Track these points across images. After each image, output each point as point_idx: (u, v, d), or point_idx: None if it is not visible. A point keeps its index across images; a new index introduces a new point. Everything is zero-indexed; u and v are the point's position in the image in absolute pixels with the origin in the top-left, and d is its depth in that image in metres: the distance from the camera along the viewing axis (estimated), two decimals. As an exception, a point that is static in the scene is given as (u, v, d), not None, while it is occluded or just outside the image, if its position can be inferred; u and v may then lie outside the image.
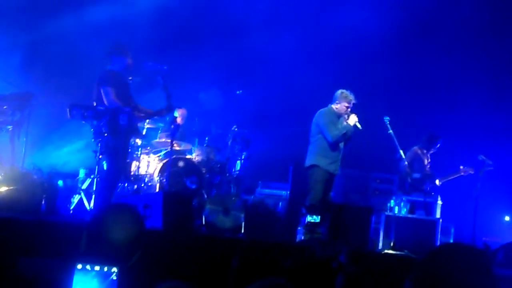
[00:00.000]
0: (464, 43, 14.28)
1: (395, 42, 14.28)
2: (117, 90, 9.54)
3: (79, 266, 4.67)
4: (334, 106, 10.72)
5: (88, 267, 4.67)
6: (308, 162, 10.65)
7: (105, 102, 9.43)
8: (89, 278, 4.65)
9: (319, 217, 9.48)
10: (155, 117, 10.97)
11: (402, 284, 3.11)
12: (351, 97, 10.63)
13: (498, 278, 2.96)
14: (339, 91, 10.71)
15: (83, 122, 9.69)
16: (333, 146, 10.56)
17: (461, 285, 2.88)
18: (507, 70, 14.44)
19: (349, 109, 10.62)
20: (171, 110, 10.03)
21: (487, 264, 2.99)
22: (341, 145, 10.75)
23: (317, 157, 10.56)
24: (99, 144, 9.55)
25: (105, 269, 4.67)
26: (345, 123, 10.58)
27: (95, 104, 9.46)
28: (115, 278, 4.66)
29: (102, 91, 9.49)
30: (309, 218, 9.54)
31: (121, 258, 4.66)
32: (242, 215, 11.05)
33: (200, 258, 7.13)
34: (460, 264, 2.96)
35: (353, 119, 10.54)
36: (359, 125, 10.60)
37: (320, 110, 10.76)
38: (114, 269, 4.69)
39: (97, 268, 4.67)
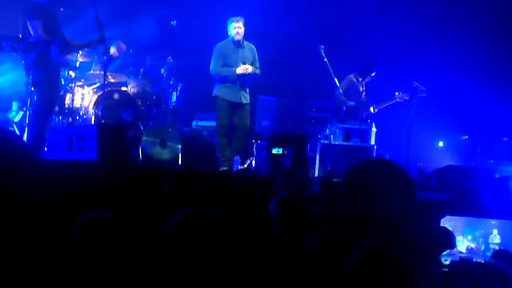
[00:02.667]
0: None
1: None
2: (43, 22, 9.36)
3: None
4: (229, 34, 10.97)
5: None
6: (213, 93, 10.96)
7: (32, 35, 9.28)
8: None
9: (281, 149, 9.66)
10: (86, 49, 10.78)
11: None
12: (237, 18, 10.89)
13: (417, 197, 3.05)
14: (229, 19, 11.01)
15: (14, 54, 9.52)
16: (228, 77, 10.82)
17: (381, 196, 2.96)
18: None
19: (237, 29, 10.84)
20: (102, 41, 9.87)
21: (406, 177, 3.07)
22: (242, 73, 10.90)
23: (217, 88, 10.88)
24: (30, 76, 9.40)
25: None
26: (232, 69, 10.79)
27: (21, 36, 9.31)
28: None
29: (28, 24, 9.31)
30: (274, 151, 9.74)
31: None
32: (179, 147, 11.07)
33: (135, 189, 7.13)
34: (380, 176, 3.03)
35: (241, 69, 10.75)
36: (247, 75, 10.83)
37: (216, 45, 11.07)
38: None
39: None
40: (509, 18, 14.13)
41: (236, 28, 10.84)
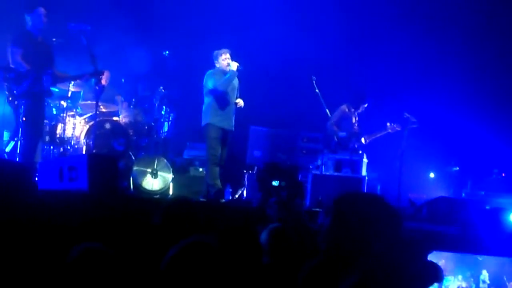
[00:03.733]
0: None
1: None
2: (25, 51, 9.45)
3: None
4: (217, 65, 11.20)
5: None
6: (203, 121, 11.06)
7: (10, 62, 9.34)
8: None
9: (280, 181, 9.71)
10: (78, 81, 10.79)
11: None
12: (225, 50, 11.17)
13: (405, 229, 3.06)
14: (214, 51, 11.27)
15: (5, 84, 9.51)
16: (223, 103, 10.99)
17: (367, 228, 2.96)
18: (435, 26, 14.64)
19: (228, 60, 11.06)
20: (95, 74, 9.90)
21: (392, 212, 3.08)
22: (232, 100, 11.10)
23: (209, 116, 10.97)
24: (22, 107, 9.40)
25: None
26: (231, 70, 11.00)
27: (11, 65, 9.36)
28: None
29: (9, 50, 9.44)
30: (274, 183, 9.80)
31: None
32: (170, 177, 11.06)
33: (126, 219, 7.10)
34: (366, 207, 3.05)
35: (234, 65, 10.96)
36: (239, 67, 11.02)
37: (207, 71, 11.19)
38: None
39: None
40: (499, 48, 14.22)
41: (226, 60, 11.04)
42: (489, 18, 14.25)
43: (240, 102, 11.15)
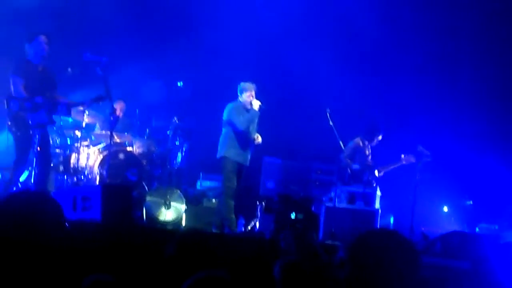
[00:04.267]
0: (402, 31, 14.42)
1: (330, 31, 14.34)
2: (26, 81, 9.47)
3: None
4: (240, 99, 11.17)
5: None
6: (219, 153, 11.10)
7: (12, 92, 9.39)
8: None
9: (296, 213, 9.67)
10: (85, 107, 10.75)
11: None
12: (251, 86, 11.13)
13: (422, 264, 3.05)
14: (240, 84, 11.23)
15: (21, 114, 9.54)
16: (241, 137, 10.98)
17: (386, 269, 2.95)
18: (447, 62, 14.65)
19: (252, 98, 11.05)
20: (99, 99, 9.93)
21: (411, 249, 3.07)
22: (250, 136, 11.07)
23: (226, 148, 11.01)
24: (37, 136, 9.44)
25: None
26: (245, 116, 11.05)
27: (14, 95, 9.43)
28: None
29: (11, 80, 9.49)
30: (292, 216, 9.77)
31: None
32: (183, 207, 11.05)
33: (138, 250, 7.09)
34: (384, 248, 3.04)
35: (256, 104, 11.00)
36: (262, 106, 11.08)
37: (229, 103, 11.18)
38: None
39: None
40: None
41: (250, 97, 11.04)
42: (504, 52, 14.24)
43: (258, 138, 11.12)
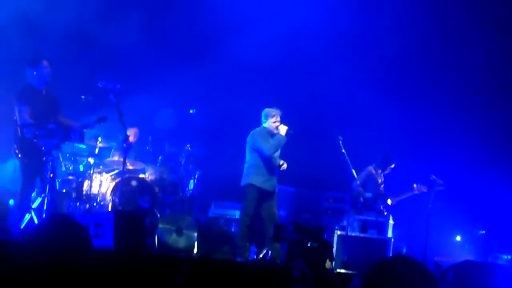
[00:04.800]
0: (414, 58, 14.45)
1: (346, 57, 14.37)
2: (32, 108, 9.51)
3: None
4: (264, 125, 10.99)
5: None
6: (244, 181, 10.84)
7: (18, 119, 9.42)
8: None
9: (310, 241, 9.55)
10: (88, 129, 10.66)
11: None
12: (276, 111, 10.94)
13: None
14: (265, 110, 11.05)
15: (34, 140, 9.57)
16: (268, 164, 10.81)
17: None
18: (460, 92, 14.66)
19: (277, 123, 10.88)
20: (102, 120, 9.92)
21: (428, 276, 3.05)
22: (276, 162, 10.93)
23: (252, 176, 10.78)
24: (50, 163, 9.48)
25: None
26: (279, 136, 10.82)
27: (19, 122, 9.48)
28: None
29: (16, 107, 9.52)
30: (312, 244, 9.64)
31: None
32: (195, 235, 11.03)
33: (151, 278, 7.08)
34: (402, 276, 3.02)
35: (283, 129, 10.82)
36: (290, 131, 10.89)
37: (253, 130, 11.01)
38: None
39: None
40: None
41: (276, 122, 10.86)
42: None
43: (284, 165, 11.01)
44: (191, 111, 13.13)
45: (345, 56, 14.36)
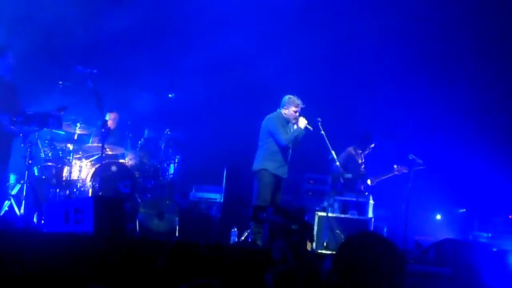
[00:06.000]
0: (393, 40, 14.47)
1: (327, 40, 14.36)
2: None
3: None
4: (282, 111, 10.75)
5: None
6: (257, 166, 10.65)
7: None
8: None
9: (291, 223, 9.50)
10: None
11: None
12: (299, 101, 10.70)
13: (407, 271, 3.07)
14: (287, 96, 10.76)
15: (12, 127, 9.53)
16: (283, 150, 10.61)
17: (372, 272, 2.97)
18: (438, 69, 14.72)
19: (297, 113, 10.67)
20: (64, 108, 9.92)
21: (395, 251, 3.08)
22: (290, 149, 10.76)
23: (265, 161, 10.58)
24: (28, 150, 9.45)
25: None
26: (295, 126, 10.65)
27: None
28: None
29: None
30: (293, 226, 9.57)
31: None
32: (177, 219, 11.03)
33: (132, 262, 7.08)
34: (368, 252, 3.05)
35: (303, 122, 10.64)
36: (310, 127, 10.74)
37: (269, 115, 10.79)
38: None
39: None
40: (507, 89, 14.27)
41: (297, 113, 10.66)
42: (495, 59, 14.32)
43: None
44: (170, 95, 13.10)
45: (322, 37, 14.33)
